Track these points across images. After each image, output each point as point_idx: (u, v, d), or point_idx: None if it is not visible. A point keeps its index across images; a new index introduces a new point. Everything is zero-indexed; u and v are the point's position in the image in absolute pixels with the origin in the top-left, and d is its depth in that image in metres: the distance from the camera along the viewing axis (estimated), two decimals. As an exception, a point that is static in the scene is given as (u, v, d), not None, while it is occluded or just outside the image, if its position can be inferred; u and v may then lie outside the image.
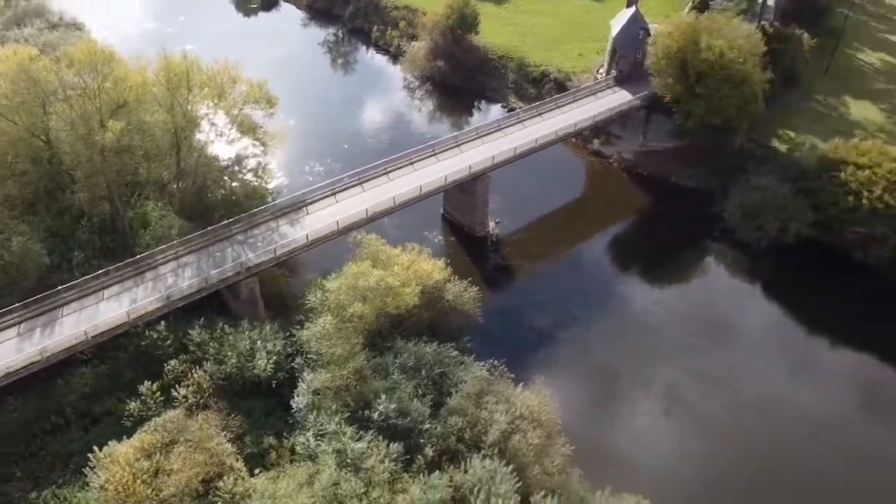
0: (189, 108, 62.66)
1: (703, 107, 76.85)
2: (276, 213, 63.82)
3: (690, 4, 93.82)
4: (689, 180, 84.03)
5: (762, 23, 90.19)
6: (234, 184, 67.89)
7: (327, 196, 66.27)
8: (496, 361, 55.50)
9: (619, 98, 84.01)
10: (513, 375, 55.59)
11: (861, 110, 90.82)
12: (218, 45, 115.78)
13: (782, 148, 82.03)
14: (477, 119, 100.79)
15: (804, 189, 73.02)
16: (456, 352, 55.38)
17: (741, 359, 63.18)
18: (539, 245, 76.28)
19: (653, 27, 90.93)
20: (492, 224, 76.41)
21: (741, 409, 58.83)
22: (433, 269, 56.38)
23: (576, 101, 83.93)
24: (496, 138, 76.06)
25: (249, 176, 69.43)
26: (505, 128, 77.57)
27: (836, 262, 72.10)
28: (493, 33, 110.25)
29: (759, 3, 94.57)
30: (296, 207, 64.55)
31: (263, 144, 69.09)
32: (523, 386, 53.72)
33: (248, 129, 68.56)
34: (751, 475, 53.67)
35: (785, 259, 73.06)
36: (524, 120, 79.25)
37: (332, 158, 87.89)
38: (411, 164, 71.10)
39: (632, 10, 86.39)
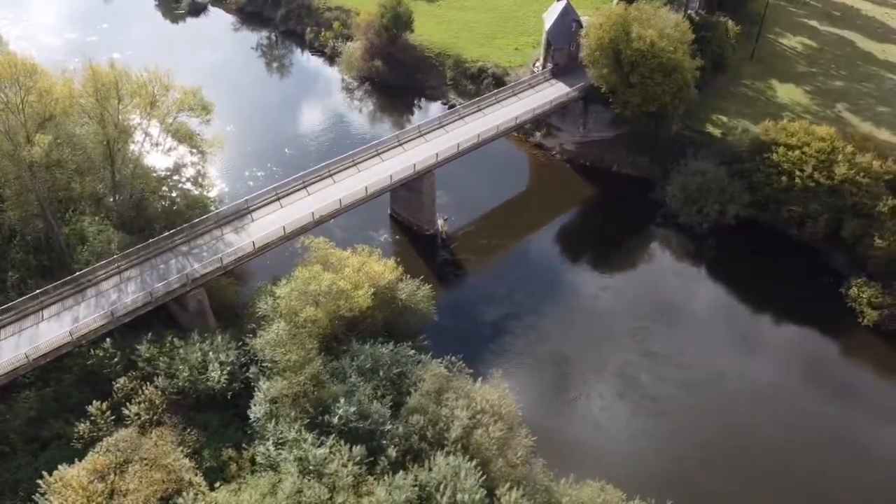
0: (120, 118, 60.54)
1: (639, 96, 78.68)
2: (221, 221, 62.31)
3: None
4: (631, 168, 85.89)
5: (688, 12, 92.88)
6: (174, 194, 66.06)
7: (272, 201, 65.09)
8: (454, 357, 55.54)
9: (556, 90, 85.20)
10: (471, 371, 55.81)
11: (787, 93, 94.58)
12: (146, 53, 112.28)
13: (716, 132, 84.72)
14: (418, 117, 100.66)
15: (739, 171, 75.57)
16: (413, 351, 55.16)
17: (689, 338, 65.01)
18: (488, 239, 76.72)
19: (584, 19, 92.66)
20: (440, 221, 76.43)
21: (691, 386, 60.57)
22: (385, 269, 56.04)
23: (515, 94, 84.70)
24: (439, 136, 76.11)
25: (189, 185, 67.75)
26: (447, 125, 77.68)
27: (774, 240, 74.92)
28: (428, 31, 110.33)
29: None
30: (240, 215, 63.18)
31: (201, 152, 67.49)
32: (482, 380, 53.93)
33: (184, 137, 66.89)
34: (705, 447, 55.34)
35: (726, 240, 75.47)
36: (465, 116, 79.51)
37: (274, 164, 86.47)
38: (355, 165, 70.48)
39: (563, 3, 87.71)
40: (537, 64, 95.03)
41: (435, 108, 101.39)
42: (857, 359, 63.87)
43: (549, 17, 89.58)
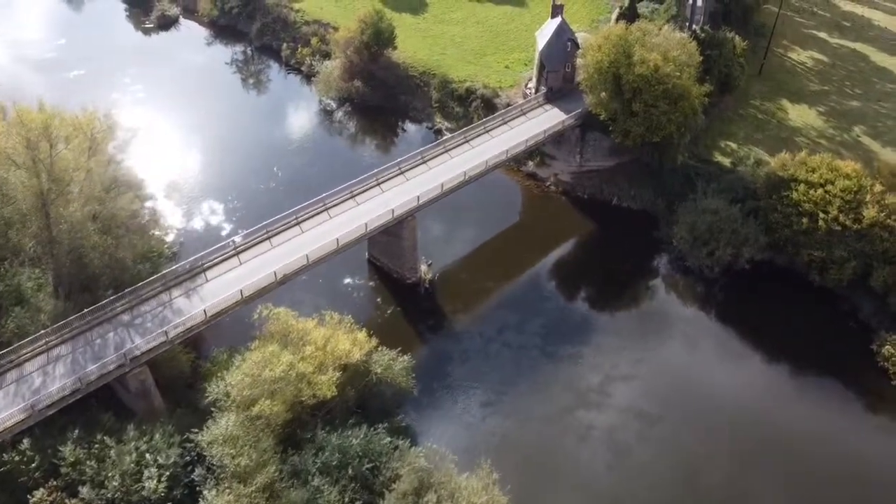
0: (54, 166, 52.75)
1: (642, 125, 71.26)
2: (170, 283, 54.57)
3: (618, 11, 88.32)
4: (633, 202, 78.45)
5: (693, 28, 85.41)
6: (119, 248, 58.24)
7: (229, 257, 57.39)
8: (435, 445, 48.08)
9: (551, 117, 77.60)
10: (455, 457, 48.33)
11: (800, 115, 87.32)
12: (106, 72, 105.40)
13: (725, 162, 77.31)
14: (402, 143, 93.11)
15: (754, 209, 68.27)
16: (388, 438, 47.68)
17: (701, 408, 57.69)
18: (476, 283, 69.26)
19: (581, 37, 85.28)
20: (423, 267, 68.85)
21: (696, 466, 53.31)
22: (354, 346, 48.34)
23: (505, 122, 77.07)
24: (420, 172, 68.49)
25: (137, 237, 59.93)
26: (430, 160, 70.03)
27: (793, 285, 67.62)
28: (413, 47, 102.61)
29: (688, 5, 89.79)
30: (192, 274, 55.46)
31: (151, 199, 59.83)
32: (469, 473, 46.52)
33: (129, 183, 59.19)
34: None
35: (739, 284, 68.18)
36: (451, 149, 71.86)
37: (239, 200, 78.61)
38: (326, 210, 62.82)
39: (557, 20, 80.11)
40: (529, 84, 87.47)
41: (420, 132, 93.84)
42: (889, 427, 56.58)
43: (542, 36, 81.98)
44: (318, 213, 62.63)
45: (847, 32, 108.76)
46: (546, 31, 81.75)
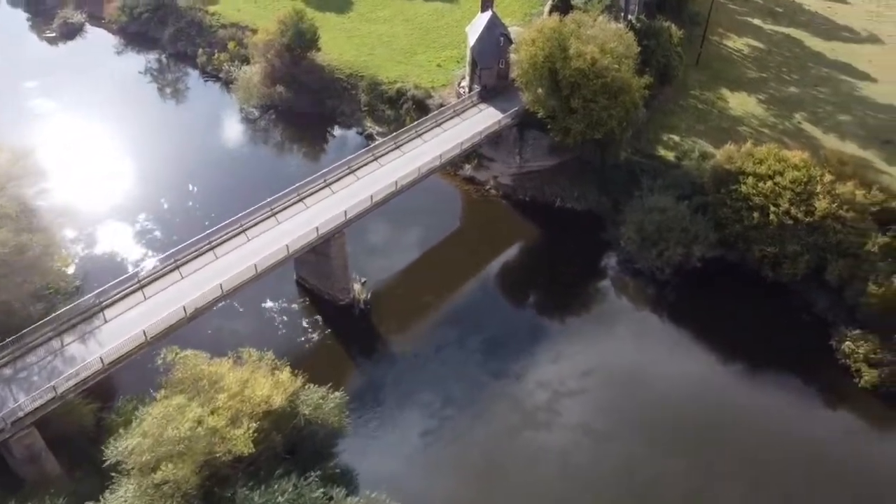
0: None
1: (582, 122, 67.28)
2: (61, 326, 47.67)
3: (551, 3, 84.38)
4: (577, 202, 74.53)
5: (629, 18, 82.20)
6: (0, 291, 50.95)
7: (132, 291, 50.76)
8: (375, 493, 42.84)
9: (487, 118, 73.00)
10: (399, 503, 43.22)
11: (740, 103, 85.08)
12: (1, 87, 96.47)
13: (670, 156, 74.12)
14: (331, 149, 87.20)
15: (702, 205, 65.11)
16: (321, 490, 42.12)
17: (657, 416, 53.95)
18: (415, 299, 64.13)
19: (514, 31, 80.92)
20: (357, 286, 63.34)
21: (652, 481, 49.49)
22: (275, 388, 42.50)
23: (438, 125, 72.10)
24: (348, 184, 62.95)
25: (28, 274, 52.62)
26: (357, 169, 64.51)
27: (746, 282, 64.64)
28: (339, 48, 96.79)
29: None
30: (89, 315, 48.65)
31: (41, 231, 52.69)
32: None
33: (15, 212, 51.95)
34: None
35: (692, 284, 64.80)
36: (380, 156, 66.46)
37: (153, 222, 71.59)
38: (244, 231, 56.70)
39: (488, 14, 75.59)
40: (463, 83, 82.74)
41: (350, 138, 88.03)
42: (859, 432, 53.87)
43: (473, 31, 77.33)
44: (235, 236, 56.48)
45: (780, 18, 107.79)
46: (476, 26, 77.15)
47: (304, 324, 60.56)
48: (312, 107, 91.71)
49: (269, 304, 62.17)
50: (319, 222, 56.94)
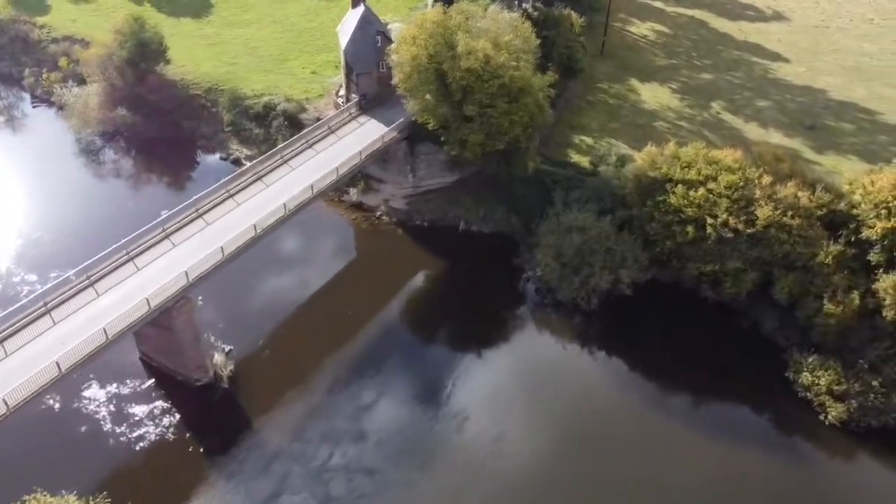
0: None
1: (480, 132, 56.62)
2: None
3: (434, -7, 73.28)
4: (484, 224, 63.85)
5: (524, 6, 72.16)
6: None
7: None
8: None
9: (368, 133, 61.27)
10: None
11: (653, 95, 76.83)
12: None
13: (584, 161, 64.47)
14: (190, 182, 73.12)
15: (627, 220, 55.70)
16: None
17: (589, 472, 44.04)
18: (299, 363, 51.77)
19: (396, 28, 69.50)
20: (218, 359, 50.30)
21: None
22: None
23: (310, 146, 59.73)
24: (195, 230, 49.94)
25: None
26: (207, 211, 51.41)
27: (683, 303, 55.80)
28: (196, 58, 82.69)
29: (515, -19, 76.60)
30: None
31: None
32: None
33: None
34: None
35: (621, 311, 55.31)
36: (236, 192, 53.56)
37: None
38: (48, 312, 42.70)
39: (360, 9, 63.79)
40: (341, 92, 70.58)
41: (213, 165, 74.04)
42: (836, 482, 45.50)
43: (345, 31, 65.34)
44: (39, 316, 42.48)
45: (682, 0, 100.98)
46: (348, 24, 65.23)
47: (146, 420, 46.92)
48: (166, 130, 77.19)
49: (97, 393, 48.27)
50: (155, 289, 43.68)
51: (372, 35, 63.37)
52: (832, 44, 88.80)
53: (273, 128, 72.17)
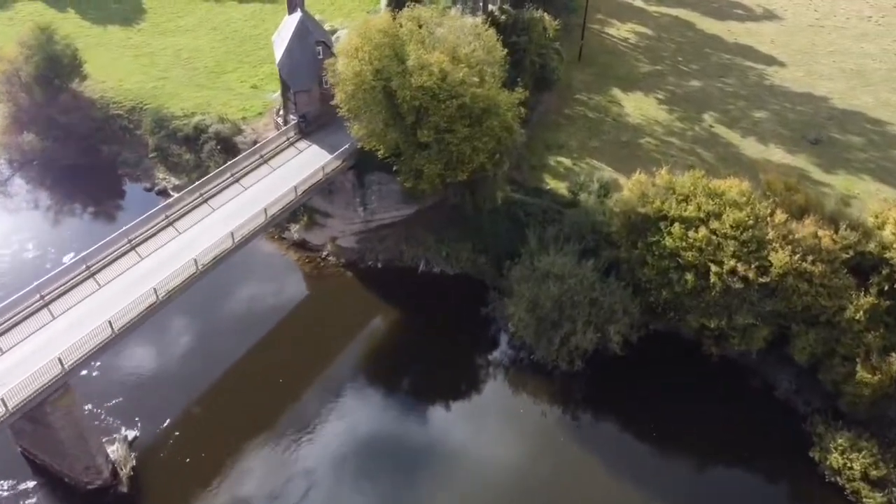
0: None
1: (437, 161, 47.47)
2: None
3: (387, -4, 63.94)
4: (448, 265, 54.64)
5: (490, 8, 63.00)
6: None
7: None
8: None
9: (307, 162, 51.81)
10: None
11: (637, 106, 68.13)
12: None
13: (561, 188, 55.65)
14: (116, 215, 63.28)
15: (614, 262, 46.85)
16: None
17: None
18: (219, 447, 42.34)
19: (344, 36, 60.09)
20: (117, 451, 40.64)
21: None
22: None
23: (236, 180, 50.13)
24: (81, 295, 40.15)
25: None
26: (99, 270, 41.66)
27: (683, 357, 47.21)
28: (120, 72, 72.68)
29: (479, -20, 67.42)
30: None
31: None
32: None
33: None
34: None
35: (610, 371, 46.51)
36: (138, 245, 43.83)
37: None
38: None
39: (297, 15, 54.25)
40: (282, 112, 61.00)
41: (137, 197, 64.05)
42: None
43: (280, 40, 55.78)
44: None
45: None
46: (284, 32, 55.65)
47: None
48: (85, 157, 67.17)
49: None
50: (18, 378, 34.03)
51: (311, 46, 53.90)
52: (829, 44, 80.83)
53: (205, 153, 62.42)
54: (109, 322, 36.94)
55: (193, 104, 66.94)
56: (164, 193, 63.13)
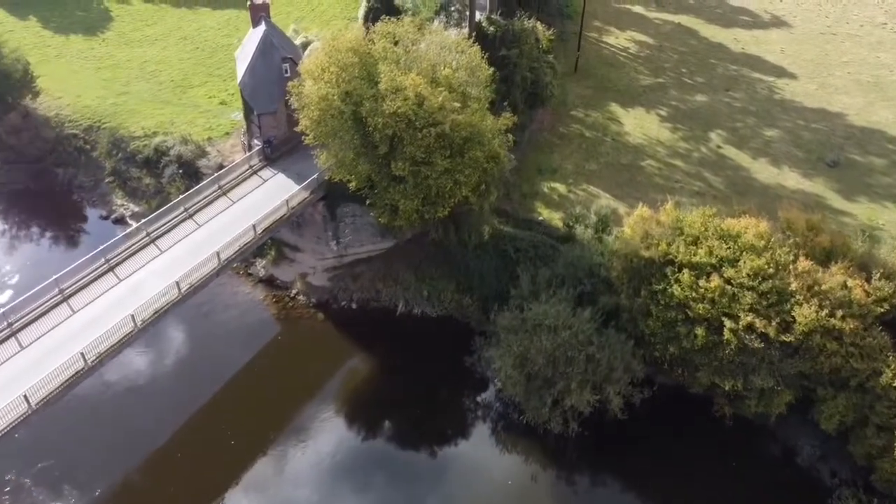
0: None
1: (414, 195, 42.03)
2: None
3: (365, 6, 58.14)
4: (430, 306, 49.21)
5: (477, 19, 57.43)
6: None
7: None
8: None
9: (271, 194, 46.35)
10: None
11: (637, 124, 62.83)
12: None
13: (555, 219, 50.40)
14: (67, 247, 57.85)
15: (613, 311, 41.39)
16: None
17: None
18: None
19: (316, 49, 54.64)
20: (43, 539, 35.25)
21: None
22: None
23: (189, 215, 44.68)
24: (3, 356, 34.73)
25: None
26: (22, 328, 36.14)
27: (693, 414, 41.91)
28: (81, 86, 67.29)
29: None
30: None
31: None
32: None
33: None
34: None
35: (612, 427, 41.15)
36: (71, 294, 38.37)
37: None
38: None
39: (261, 30, 48.82)
40: (245, 135, 55.54)
41: (93, 228, 58.71)
42: None
43: (243, 55, 50.37)
44: None
45: (665, 3, 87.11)
46: (247, 48, 50.26)
47: None
48: (38, 180, 61.77)
49: None
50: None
51: (277, 63, 48.48)
52: (842, 54, 75.55)
53: (166, 177, 56.96)
54: (25, 396, 31.47)
55: (156, 122, 61.50)
56: (121, 221, 57.82)
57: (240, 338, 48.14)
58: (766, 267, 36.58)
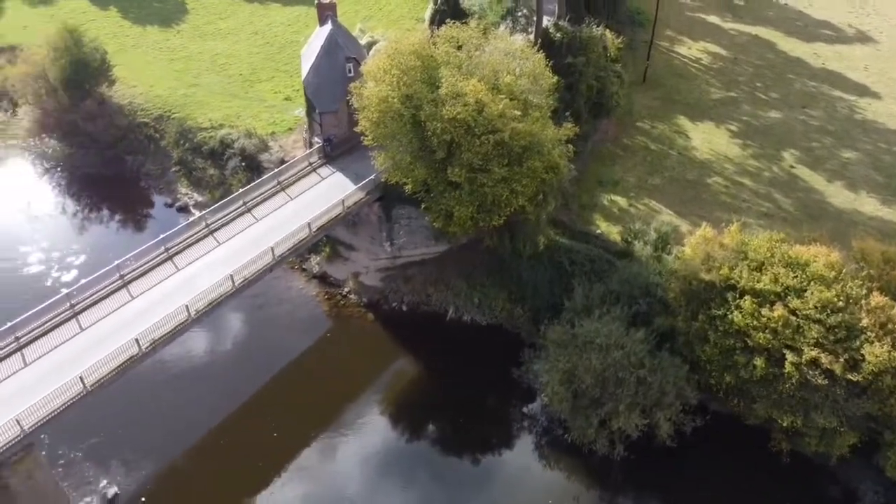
0: None
1: (469, 203, 41.56)
2: None
3: (432, 8, 57.93)
4: (480, 313, 48.68)
5: (545, 25, 56.36)
6: None
7: None
8: None
9: (328, 192, 46.62)
10: None
11: (706, 138, 60.82)
12: None
13: (613, 233, 49.17)
14: (132, 232, 59.46)
15: (668, 333, 39.99)
16: None
17: None
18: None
19: (381, 47, 54.72)
20: (89, 519, 36.32)
21: None
22: None
23: (248, 209, 45.32)
24: (55, 343, 35.80)
25: None
26: (60, 324, 37.07)
27: (748, 446, 40.07)
28: (154, 76, 69.41)
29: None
30: None
31: None
32: None
33: None
34: None
35: (661, 453, 39.79)
36: (131, 280, 39.38)
37: None
38: None
39: (327, 28, 49.18)
40: (307, 132, 56.13)
41: (159, 215, 60.26)
42: None
43: (308, 55, 50.88)
44: None
45: (742, 13, 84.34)
46: (312, 46, 50.72)
47: None
48: (109, 166, 63.86)
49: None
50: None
51: (341, 63, 48.74)
52: (933, 74, 71.48)
53: (229, 169, 58.13)
54: (81, 378, 32.41)
55: (222, 115, 62.87)
56: (185, 210, 59.28)
57: (291, 332, 48.65)
58: (836, 300, 34.64)
